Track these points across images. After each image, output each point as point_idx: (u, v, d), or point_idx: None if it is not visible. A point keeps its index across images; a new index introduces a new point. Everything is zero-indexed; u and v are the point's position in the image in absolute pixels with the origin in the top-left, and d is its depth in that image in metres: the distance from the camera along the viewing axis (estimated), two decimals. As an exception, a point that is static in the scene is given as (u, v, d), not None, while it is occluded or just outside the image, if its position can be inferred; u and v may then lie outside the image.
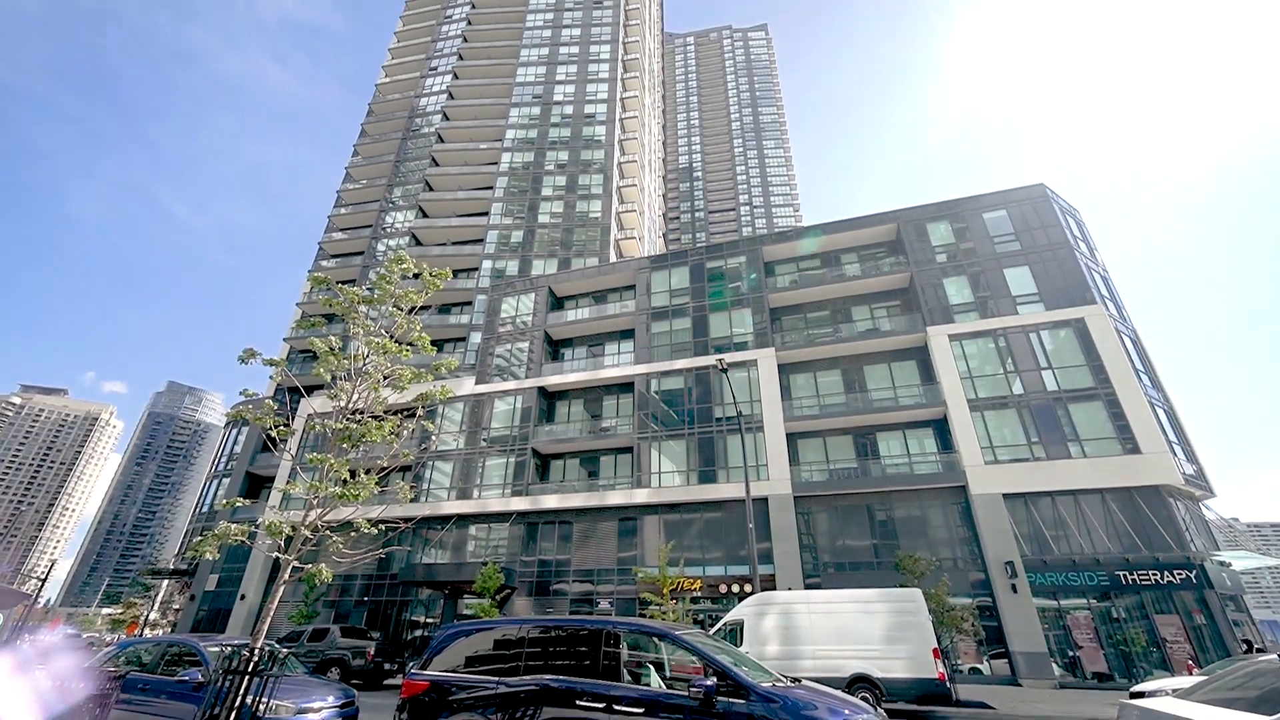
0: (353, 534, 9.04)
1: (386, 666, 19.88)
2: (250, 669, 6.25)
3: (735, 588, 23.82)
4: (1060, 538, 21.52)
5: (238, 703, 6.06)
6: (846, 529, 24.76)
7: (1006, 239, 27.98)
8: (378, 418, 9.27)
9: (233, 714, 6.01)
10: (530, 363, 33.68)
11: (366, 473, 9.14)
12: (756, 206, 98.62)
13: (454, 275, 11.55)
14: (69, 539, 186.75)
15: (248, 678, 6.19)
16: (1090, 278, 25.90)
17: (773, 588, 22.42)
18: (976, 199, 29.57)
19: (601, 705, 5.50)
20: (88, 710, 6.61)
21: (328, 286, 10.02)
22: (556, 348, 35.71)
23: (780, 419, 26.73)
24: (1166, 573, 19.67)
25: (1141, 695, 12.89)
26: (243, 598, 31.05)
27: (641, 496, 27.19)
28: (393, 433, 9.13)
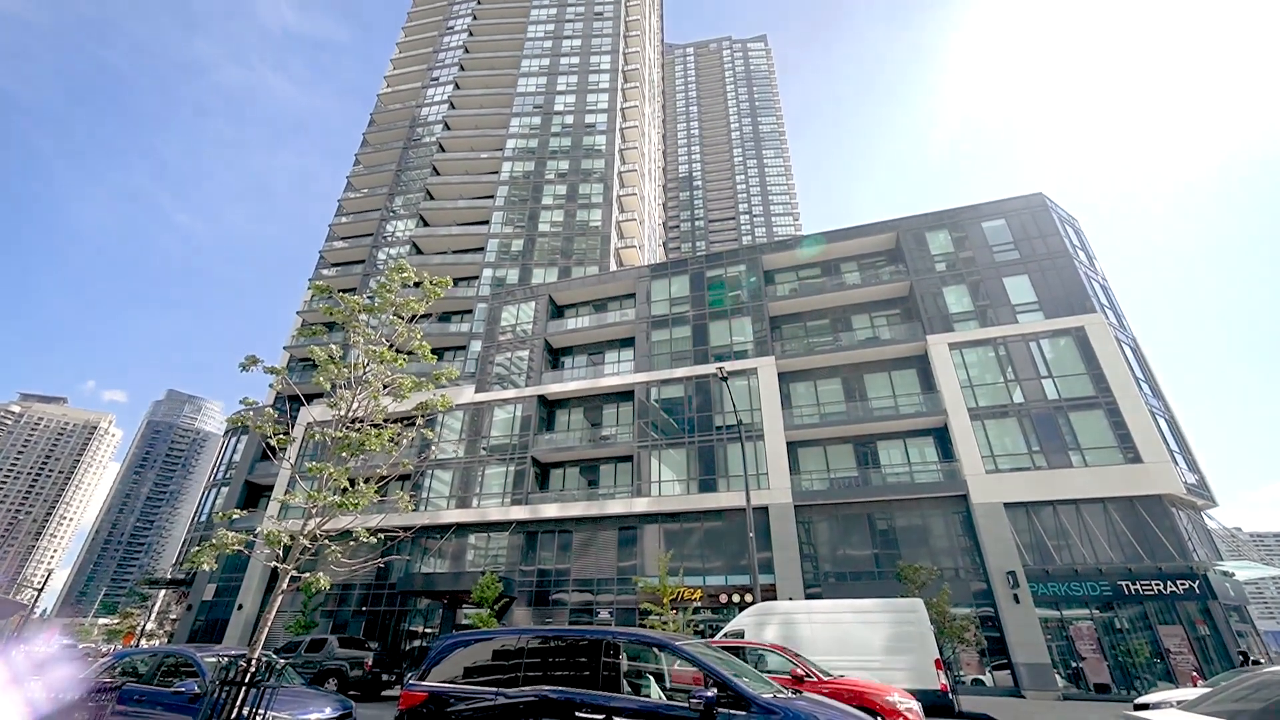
0: (351, 543, 9.00)
1: (385, 677, 19.71)
2: (247, 680, 6.21)
3: (736, 597, 23.68)
4: (1062, 547, 21.42)
5: (234, 714, 6.02)
6: (847, 538, 24.66)
7: (1005, 248, 28.08)
8: (377, 426, 9.26)
9: (229, 726, 5.96)
10: (530, 371, 33.68)
11: (366, 481, 9.11)
12: (756, 215, 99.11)
13: (454, 283, 11.59)
14: (66, 548, 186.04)
15: (244, 689, 6.15)
16: (1090, 286, 25.96)
17: (773, 597, 22.30)
18: (975, 208, 29.71)
19: (601, 716, 5.46)
20: (83, 722, 6.56)
21: (329, 294, 10.04)
22: (556, 356, 35.73)
23: (780, 427, 26.70)
24: (1169, 583, 19.57)
25: (1146, 707, 12.81)
26: (240, 608, 30.88)
27: (641, 505, 27.10)
28: (392, 441, 9.11)
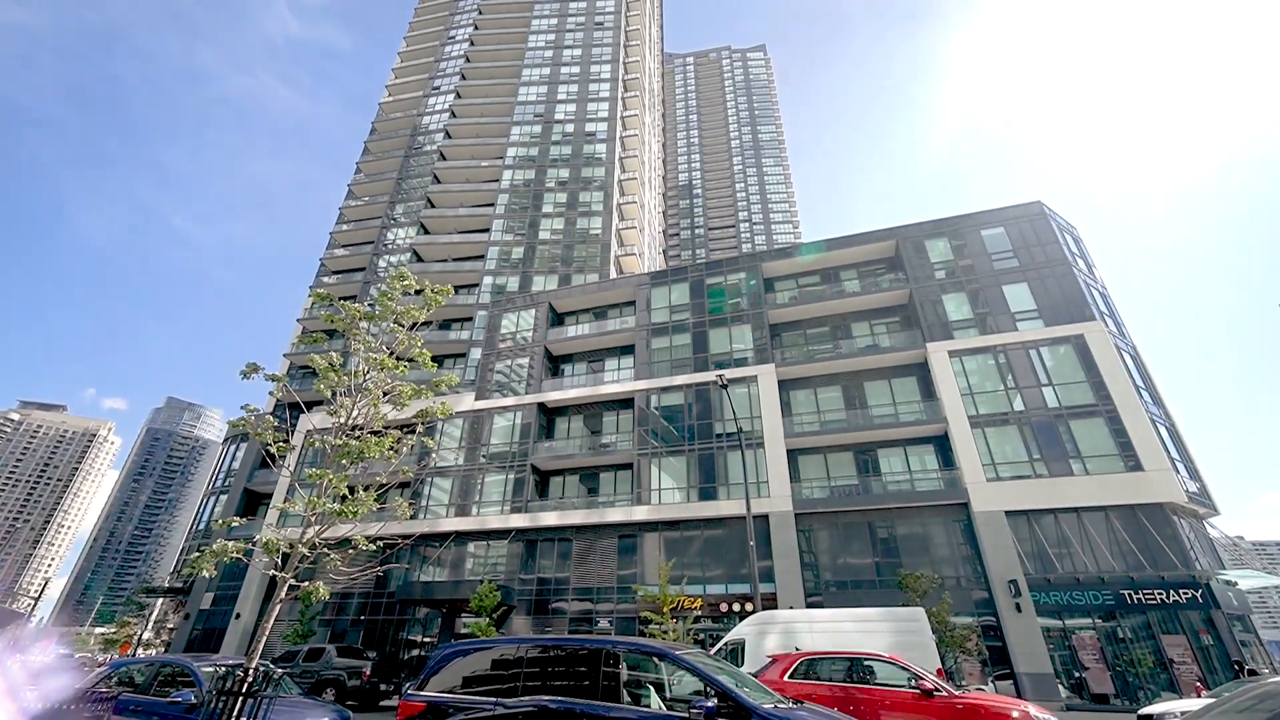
0: (350, 551, 8.97)
1: (383, 687, 19.62)
2: (244, 690, 6.18)
3: (736, 606, 23.56)
4: (1064, 556, 21.32)
5: (231, 724, 5.97)
6: (848, 546, 24.56)
7: (1005, 256, 28.15)
8: (377, 433, 9.25)
9: (226, 736, 5.92)
10: (530, 378, 33.67)
11: (365, 489, 9.09)
12: (756, 223, 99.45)
13: (455, 291, 11.61)
14: (64, 556, 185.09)
15: (242, 699, 6.12)
16: (1089, 294, 26.00)
17: (774, 606, 22.16)
18: (974, 216, 29.82)
19: (601, 727, 5.42)
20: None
21: (329, 302, 10.06)
22: (556, 363, 35.74)
23: (781, 435, 26.66)
24: (1172, 592, 19.46)
25: (1150, 718, 12.72)
26: (238, 616, 30.70)
27: (641, 514, 27.00)
28: (392, 449, 9.11)
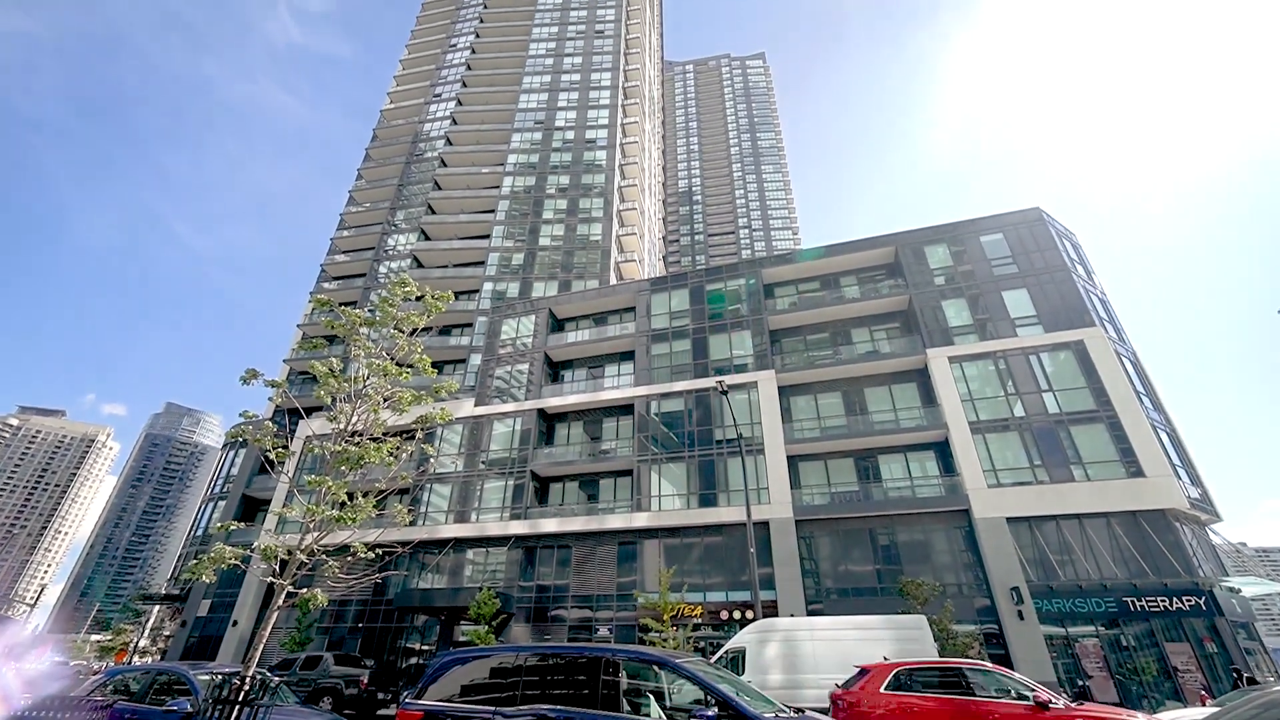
0: (349, 558, 8.91)
1: (380, 696, 19.47)
2: (241, 698, 6.12)
3: (736, 614, 23.40)
4: (1066, 563, 21.23)
5: (227, 734, 5.91)
6: (849, 553, 24.45)
7: (1004, 262, 28.19)
8: (376, 439, 9.22)
9: (221, 746, 5.85)
10: (530, 385, 33.63)
11: (364, 495, 9.05)
12: (755, 230, 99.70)
13: (455, 297, 11.61)
14: (61, 563, 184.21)
15: (238, 707, 6.05)
16: (1088, 300, 26.02)
17: (774, 614, 22.03)
18: (973, 222, 29.88)
19: (601, 737, 5.36)
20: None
21: (330, 308, 10.06)
22: (556, 370, 35.71)
23: (781, 441, 26.59)
24: (1175, 599, 19.35)
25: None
26: (235, 624, 30.50)
27: (641, 520, 26.89)
28: (391, 455, 9.07)
